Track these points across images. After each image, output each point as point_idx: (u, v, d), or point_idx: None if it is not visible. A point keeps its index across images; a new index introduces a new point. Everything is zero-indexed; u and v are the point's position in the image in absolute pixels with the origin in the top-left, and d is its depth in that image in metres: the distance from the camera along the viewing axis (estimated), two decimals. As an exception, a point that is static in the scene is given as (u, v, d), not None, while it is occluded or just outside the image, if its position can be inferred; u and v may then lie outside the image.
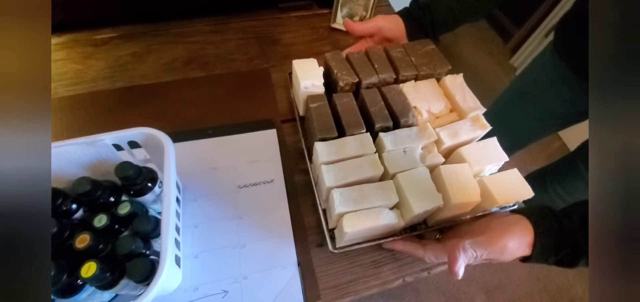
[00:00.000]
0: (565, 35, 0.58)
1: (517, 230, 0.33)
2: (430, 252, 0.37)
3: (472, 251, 0.33)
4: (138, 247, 0.32)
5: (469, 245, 0.33)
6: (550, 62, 0.61)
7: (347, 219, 0.33)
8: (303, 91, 0.45)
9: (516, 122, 0.70)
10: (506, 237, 0.33)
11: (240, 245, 0.41)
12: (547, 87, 0.62)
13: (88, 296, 0.32)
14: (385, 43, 0.56)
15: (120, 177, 0.34)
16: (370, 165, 0.36)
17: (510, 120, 0.71)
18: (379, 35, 0.56)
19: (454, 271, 0.32)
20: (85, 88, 0.56)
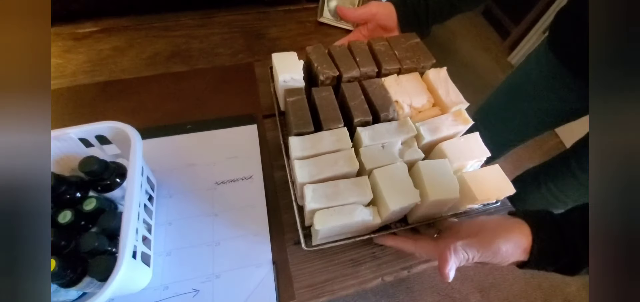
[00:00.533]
0: (560, 32, 0.57)
1: (513, 233, 0.31)
2: (421, 249, 0.35)
3: (464, 252, 0.31)
4: (102, 244, 0.31)
5: (461, 246, 0.31)
6: (544, 58, 0.60)
7: (319, 215, 0.32)
8: (282, 85, 0.44)
9: (509, 119, 0.69)
10: (500, 239, 0.31)
11: (215, 243, 0.39)
12: (540, 84, 0.61)
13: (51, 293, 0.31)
14: (380, 31, 0.54)
15: (85, 173, 0.33)
16: (346, 160, 0.35)
17: (504, 116, 0.70)
18: (373, 22, 0.54)
19: (443, 273, 0.31)
20: (64, 83, 0.55)
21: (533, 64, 0.63)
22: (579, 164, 0.62)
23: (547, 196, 0.70)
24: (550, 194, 0.69)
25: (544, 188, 0.71)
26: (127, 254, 0.28)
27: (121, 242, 0.28)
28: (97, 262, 0.30)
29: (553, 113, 0.63)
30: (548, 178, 0.70)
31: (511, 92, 0.69)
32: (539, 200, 0.73)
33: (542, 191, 0.71)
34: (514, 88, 0.68)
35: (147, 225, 0.38)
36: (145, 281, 0.35)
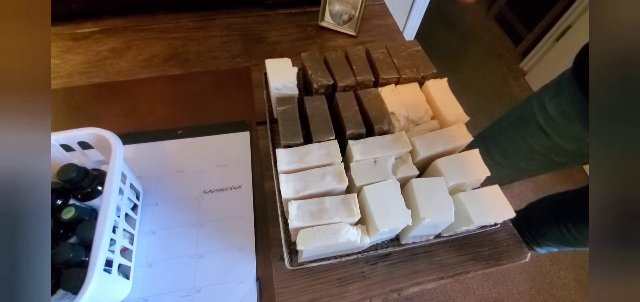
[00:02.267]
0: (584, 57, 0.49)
1: None
2: None
3: None
4: (77, 255, 0.30)
5: None
6: (567, 91, 0.51)
7: (302, 234, 0.30)
8: (274, 93, 0.42)
9: (510, 153, 0.61)
10: None
11: (198, 255, 0.38)
12: (557, 118, 0.52)
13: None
14: None
15: (63, 180, 0.32)
16: (334, 176, 0.33)
17: (505, 149, 0.62)
18: None
19: None
20: (60, 83, 0.55)
21: (551, 95, 0.54)
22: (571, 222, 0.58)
23: (566, 234, 0.65)
24: (569, 234, 0.64)
25: (563, 226, 0.65)
26: (98, 267, 0.27)
27: (92, 255, 0.27)
28: (70, 274, 0.29)
29: (565, 153, 0.55)
30: (567, 215, 0.64)
31: (518, 122, 0.60)
32: (557, 236, 0.68)
33: (561, 229, 0.66)
34: (523, 118, 0.59)
35: (130, 235, 0.37)
36: (123, 293, 0.34)
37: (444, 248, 0.40)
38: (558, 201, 0.69)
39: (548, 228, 0.69)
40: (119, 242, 0.33)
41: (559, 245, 0.67)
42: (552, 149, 0.55)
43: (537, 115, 0.55)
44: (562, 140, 0.53)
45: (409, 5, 1.16)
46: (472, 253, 0.40)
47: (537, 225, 0.69)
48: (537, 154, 0.57)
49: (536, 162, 0.58)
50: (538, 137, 0.55)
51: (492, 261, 0.40)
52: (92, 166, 0.37)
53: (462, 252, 0.40)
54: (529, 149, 0.57)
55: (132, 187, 0.39)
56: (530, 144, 0.57)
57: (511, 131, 0.60)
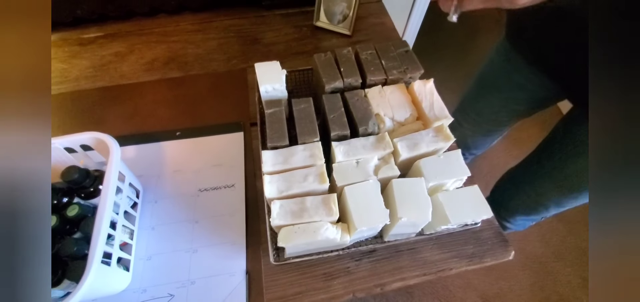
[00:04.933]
0: (515, 19, 0.57)
1: None
2: None
3: None
4: (80, 249, 0.33)
5: None
6: (503, 47, 0.62)
7: (284, 232, 0.32)
8: (263, 95, 0.44)
9: (481, 110, 0.72)
10: None
11: (193, 249, 0.41)
12: (501, 73, 0.63)
13: (32, 295, 0.33)
14: None
15: (66, 182, 0.35)
16: (316, 177, 0.35)
17: (476, 107, 0.73)
18: None
19: None
20: (68, 87, 0.58)
21: (494, 54, 0.65)
22: (551, 162, 0.60)
23: (527, 200, 0.67)
24: (529, 199, 0.66)
25: (523, 193, 0.69)
26: (96, 260, 0.30)
27: (90, 249, 0.30)
28: (74, 266, 0.32)
29: (519, 101, 0.64)
30: (525, 180, 0.68)
31: (480, 82, 0.71)
32: (521, 205, 0.70)
33: (521, 196, 0.68)
34: (482, 78, 0.70)
35: (130, 230, 0.40)
36: (123, 284, 0.37)
37: (427, 245, 0.41)
38: (514, 170, 0.74)
39: (510, 199, 0.73)
40: (119, 237, 0.36)
41: (524, 213, 0.71)
42: (510, 99, 0.65)
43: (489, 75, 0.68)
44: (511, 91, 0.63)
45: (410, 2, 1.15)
46: (456, 251, 0.41)
47: (503, 200, 0.73)
48: (500, 105, 0.67)
49: (503, 112, 0.69)
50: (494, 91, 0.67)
51: (476, 259, 0.41)
52: (94, 166, 0.40)
53: (445, 250, 0.41)
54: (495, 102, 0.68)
55: (132, 186, 0.42)
56: (494, 99, 0.68)
57: (478, 93, 0.72)
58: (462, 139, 0.81)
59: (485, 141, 0.79)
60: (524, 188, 0.68)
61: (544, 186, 0.62)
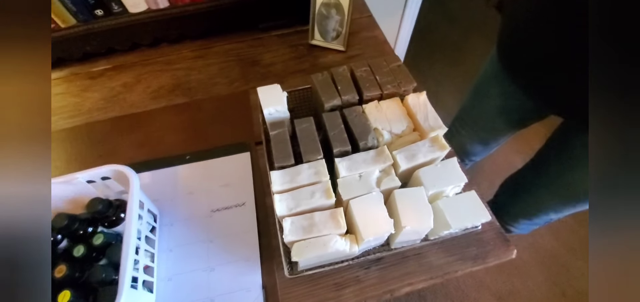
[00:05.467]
0: (503, 38, 0.59)
1: None
2: None
3: None
4: (108, 275, 0.36)
5: None
6: (493, 57, 0.64)
7: (296, 247, 0.35)
8: (267, 117, 0.47)
9: (478, 119, 0.74)
10: None
11: (210, 268, 0.43)
12: (494, 83, 0.65)
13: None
14: None
15: (91, 213, 0.38)
16: (322, 193, 0.37)
17: (473, 116, 0.75)
18: None
19: None
20: (82, 120, 0.62)
21: (488, 64, 0.67)
22: (547, 173, 0.62)
23: (527, 207, 0.69)
24: (529, 206, 0.68)
25: (522, 200, 0.72)
26: (126, 284, 0.32)
27: (120, 275, 0.32)
28: (104, 292, 0.35)
29: (511, 112, 0.66)
30: (524, 189, 0.71)
31: (475, 91, 0.73)
32: (522, 212, 0.72)
33: (521, 204, 0.70)
34: (477, 88, 0.72)
35: (150, 254, 0.42)
36: (147, 306, 0.39)
37: (432, 250, 0.44)
38: (514, 177, 0.77)
39: (512, 206, 0.75)
40: (142, 261, 0.38)
41: (527, 218, 0.74)
42: (502, 110, 0.67)
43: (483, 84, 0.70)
44: (501, 101, 0.65)
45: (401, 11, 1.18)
46: (460, 254, 0.43)
47: (504, 206, 0.76)
48: (495, 115, 0.69)
49: (498, 122, 0.70)
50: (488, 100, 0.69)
51: (479, 260, 0.43)
52: (114, 196, 0.43)
53: (450, 254, 0.43)
54: (489, 112, 0.70)
55: (150, 212, 0.44)
56: (488, 109, 0.70)
57: (474, 102, 0.75)
58: (461, 146, 0.84)
59: (484, 149, 0.82)
60: (523, 196, 0.70)
61: (542, 195, 0.65)
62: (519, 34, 0.54)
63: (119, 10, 0.63)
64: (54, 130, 0.60)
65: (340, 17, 0.67)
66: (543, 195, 0.64)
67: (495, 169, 1.40)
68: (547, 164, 0.62)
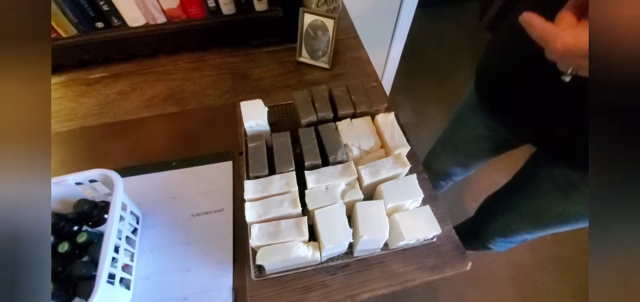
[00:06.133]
0: (484, 74, 0.63)
1: None
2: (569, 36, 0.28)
3: None
4: (88, 271, 0.39)
5: None
6: (472, 89, 0.68)
7: (261, 252, 0.38)
8: (248, 130, 0.50)
9: (457, 144, 0.78)
10: None
11: (186, 269, 0.46)
12: (471, 113, 0.69)
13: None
14: None
15: (77, 213, 0.41)
16: (290, 202, 0.41)
17: (453, 141, 0.79)
18: None
19: None
20: (77, 124, 0.65)
21: (467, 94, 0.71)
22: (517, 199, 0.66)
23: (502, 228, 0.72)
24: (503, 227, 0.72)
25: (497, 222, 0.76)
26: (103, 280, 0.35)
27: (98, 271, 0.35)
28: (83, 285, 0.38)
29: (487, 140, 0.69)
30: (498, 211, 0.74)
31: (456, 118, 0.77)
32: (498, 232, 0.76)
33: (496, 225, 0.74)
34: (457, 114, 0.76)
35: (131, 253, 0.45)
36: (125, 301, 0.42)
37: (395, 259, 0.47)
38: (490, 199, 0.81)
39: (489, 225, 0.79)
40: (121, 259, 0.41)
41: (503, 237, 0.77)
42: (479, 138, 0.70)
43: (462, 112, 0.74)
44: (479, 129, 0.68)
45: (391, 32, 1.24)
46: (419, 263, 0.46)
47: (482, 225, 0.80)
48: (471, 141, 0.73)
49: (474, 148, 0.74)
50: (467, 128, 0.72)
51: (437, 270, 0.46)
52: (100, 197, 0.46)
53: (410, 263, 0.46)
54: (467, 139, 0.74)
55: (133, 214, 0.47)
56: (466, 135, 0.74)
57: (454, 128, 0.78)
58: (441, 168, 0.88)
59: (464, 171, 0.86)
60: (497, 217, 0.74)
61: (514, 218, 0.68)
62: (494, 70, 0.59)
63: (118, 23, 0.68)
64: (51, 132, 0.63)
65: (326, 38, 0.71)
66: (515, 218, 0.68)
67: (479, 185, 1.44)
68: (518, 190, 0.66)
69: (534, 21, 0.30)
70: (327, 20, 0.69)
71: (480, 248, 0.88)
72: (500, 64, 0.57)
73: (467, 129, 0.72)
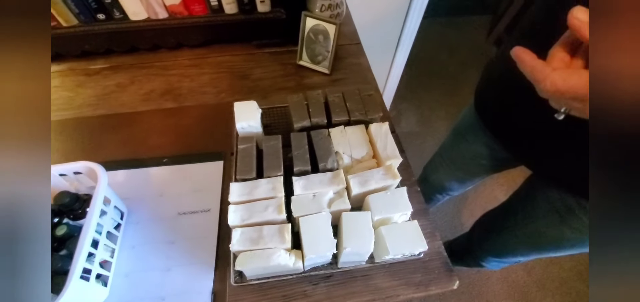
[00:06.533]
0: (483, 93, 0.63)
1: None
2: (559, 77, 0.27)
3: None
4: (64, 265, 0.38)
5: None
6: (472, 106, 0.67)
7: (241, 257, 0.37)
8: (239, 131, 0.50)
9: (454, 159, 0.77)
10: None
11: (167, 268, 0.45)
12: (470, 129, 0.68)
13: (20, 304, 0.38)
14: None
15: (58, 205, 0.40)
16: (275, 208, 0.40)
17: (450, 155, 0.78)
18: None
19: None
20: (72, 114, 0.65)
21: (467, 109, 0.71)
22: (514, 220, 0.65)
23: (496, 247, 0.70)
24: (498, 246, 0.70)
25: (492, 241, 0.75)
26: (76, 275, 0.34)
27: (72, 266, 0.34)
28: (57, 280, 0.37)
29: (484, 157, 0.69)
30: (493, 230, 0.73)
31: (454, 132, 0.77)
32: (492, 250, 0.75)
33: (491, 244, 0.72)
34: (456, 129, 0.76)
35: (111, 249, 0.44)
36: (100, 298, 0.41)
37: (380, 273, 0.45)
38: (486, 217, 0.81)
39: (483, 242, 0.79)
40: (100, 255, 0.41)
41: (496, 257, 0.77)
42: (477, 155, 0.69)
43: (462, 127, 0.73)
44: (477, 146, 0.68)
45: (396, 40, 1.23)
46: (405, 279, 0.45)
47: (477, 242, 0.79)
48: (469, 158, 0.72)
49: (472, 164, 0.73)
50: (465, 143, 0.71)
51: (422, 287, 0.44)
52: (85, 190, 0.45)
53: (395, 278, 0.45)
54: (465, 154, 0.73)
55: (117, 208, 0.47)
56: (464, 151, 0.73)
57: (452, 142, 0.77)
58: (439, 181, 0.86)
59: (461, 186, 0.84)
60: (492, 236, 0.73)
61: (509, 239, 0.67)
62: (493, 90, 0.58)
63: (120, 16, 0.68)
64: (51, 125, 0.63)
65: (327, 43, 0.71)
66: (510, 239, 0.66)
67: (477, 199, 1.41)
68: (515, 211, 0.64)
69: (525, 58, 0.29)
70: (329, 25, 0.68)
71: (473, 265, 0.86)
72: (499, 84, 0.56)
73: (466, 145, 0.71)
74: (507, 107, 0.54)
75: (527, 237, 0.62)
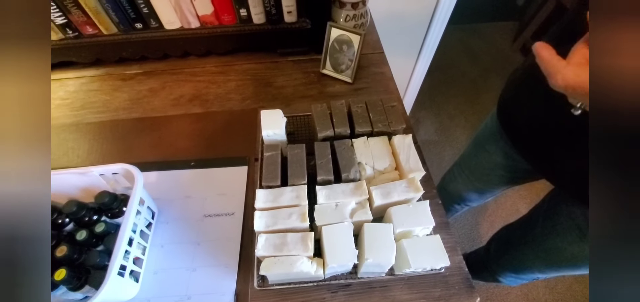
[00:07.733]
0: (507, 103, 0.61)
1: None
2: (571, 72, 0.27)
3: None
4: (102, 260, 0.41)
5: None
6: (493, 115, 0.66)
7: (265, 262, 0.38)
8: (265, 139, 0.51)
9: (474, 169, 0.75)
10: None
11: (193, 268, 0.47)
12: (491, 139, 0.67)
13: (62, 294, 0.41)
14: None
15: (98, 203, 0.43)
16: (298, 216, 0.41)
17: (470, 165, 0.77)
18: None
19: None
20: (108, 116, 0.70)
21: (489, 119, 0.69)
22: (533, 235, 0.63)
23: (514, 262, 0.68)
24: (516, 261, 0.68)
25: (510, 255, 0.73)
26: (114, 271, 0.37)
27: (111, 262, 0.37)
28: (95, 274, 0.40)
29: (505, 168, 0.67)
30: (512, 245, 0.71)
31: (475, 142, 0.75)
32: (509, 265, 0.72)
33: (509, 258, 0.70)
34: (477, 139, 0.74)
35: (143, 247, 0.47)
36: (132, 293, 0.44)
37: (398, 285, 0.45)
38: (505, 230, 0.78)
39: (501, 257, 0.76)
40: (133, 253, 0.43)
41: (514, 273, 0.74)
42: (498, 165, 0.68)
43: (482, 137, 0.71)
44: (498, 157, 0.66)
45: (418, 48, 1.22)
46: (424, 293, 0.45)
47: (494, 256, 0.77)
48: (490, 168, 0.70)
49: (492, 176, 0.71)
50: (485, 154, 0.70)
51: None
52: (121, 190, 0.49)
53: (414, 291, 0.45)
54: (485, 165, 0.72)
55: (149, 208, 0.50)
56: (484, 161, 0.71)
57: (472, 152, 0.76)
58: (457, 192, 0.85)
59: (480, 197, 0.82)
60: (511, 251, 0.70)
61: (528, 254, 0.65)
62: (516, 100, 0.56)
63: (156, 25, 0.72)
64: (82, 122, 0.68)
65: (351, 53, 0.72)
66: (529, 254, 0.64)
67: (498, 211, 1.37)
68: (535, 226, 0.62)
69: (543, 52, 0.30)
70: (354, 35, 0.69)
71: (490, 280, 0.83)
72: (522, 92, 0.54)
73: (486, 155, 0.69)
74: (530, 116, 0.52)
75: (545, 252, 0.60)
